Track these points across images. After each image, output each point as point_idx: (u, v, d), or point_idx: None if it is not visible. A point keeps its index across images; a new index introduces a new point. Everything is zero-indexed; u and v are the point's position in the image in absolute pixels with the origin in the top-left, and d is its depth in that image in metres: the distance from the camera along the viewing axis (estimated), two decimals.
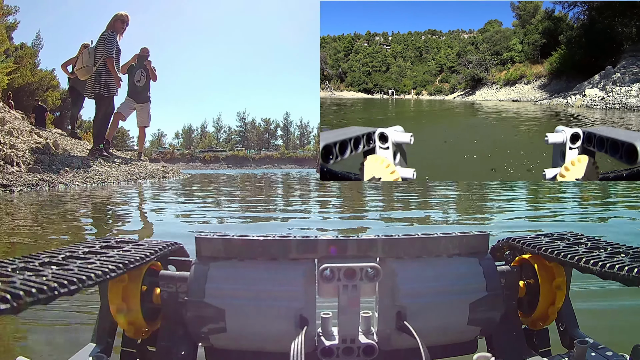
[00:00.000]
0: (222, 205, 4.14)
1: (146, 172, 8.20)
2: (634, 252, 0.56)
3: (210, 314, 0.58)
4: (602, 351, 0.60)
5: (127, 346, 0.64)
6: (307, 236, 0.59)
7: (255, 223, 2.94)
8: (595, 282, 1.12)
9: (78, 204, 3.93)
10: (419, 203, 4.16)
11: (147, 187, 6.50)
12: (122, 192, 5.23)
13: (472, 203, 4.15)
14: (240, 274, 0.59)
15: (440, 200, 4.37)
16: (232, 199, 4.91)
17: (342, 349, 0.59)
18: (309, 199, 4.98)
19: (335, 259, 0.58)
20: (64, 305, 1.24)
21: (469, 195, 4.79)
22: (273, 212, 3.58)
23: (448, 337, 0.63)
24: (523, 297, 0.68)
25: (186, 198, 4.91)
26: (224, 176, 14.37)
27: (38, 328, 1.10)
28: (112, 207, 3.76)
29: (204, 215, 3.24)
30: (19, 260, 0.47)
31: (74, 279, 0.42)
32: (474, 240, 0.63)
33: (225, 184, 8.61)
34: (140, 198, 4.77)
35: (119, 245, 0.62)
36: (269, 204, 4.34)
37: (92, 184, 6.10)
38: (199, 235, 0.60)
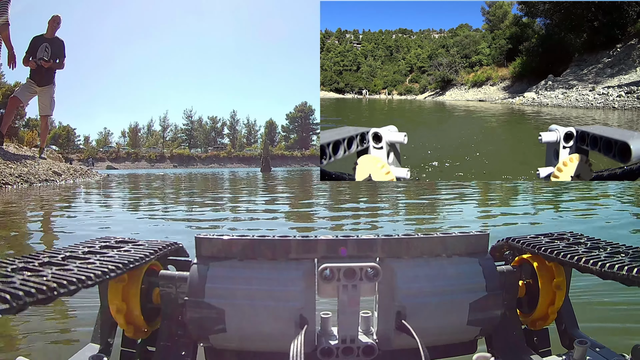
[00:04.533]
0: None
1: (45, 172, 6.48)
2: (633, 252, 0.56)
3: (210, 314, 0.58)
4: (602, 351, 0.60)
5: (127, 346, 0.64)
6: (306, 236, 0.59)
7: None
8: (595, 282, 1.12)
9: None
10: (418, 202, 4.17)
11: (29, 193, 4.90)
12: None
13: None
14: (240, 274, 0.58)
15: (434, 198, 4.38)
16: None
17: (342, 349, 0.59)
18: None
19: (335, 259, 0.58)
20: (64, 305, 1.24)
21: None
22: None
23: (448, 337, 0.63)
24: (523, 297, 0.68)
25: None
26: (153, 176, 13.41)
27: (38, 328, 1.10)
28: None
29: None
30: (19, 260, 0.47)
31: (74, 279, 0.42)
32: (474, 240, 0.63)
33: (148, 185, 7.66)
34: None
35: (119, 246, 0.62)
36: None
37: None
38: (199, 235, 0.60)
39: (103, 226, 2.76)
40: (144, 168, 42.62)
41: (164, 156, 50.60)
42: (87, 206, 3.90)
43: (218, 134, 58.34)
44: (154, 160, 49.10)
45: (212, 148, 56.07)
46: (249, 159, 49.77)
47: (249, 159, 49.77)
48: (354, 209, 3.71)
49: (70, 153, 44.99)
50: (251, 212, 3.68)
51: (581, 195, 4.32)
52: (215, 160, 51.31)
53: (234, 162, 49.64)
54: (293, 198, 4.98)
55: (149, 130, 57.05)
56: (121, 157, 48.98)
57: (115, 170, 32.65)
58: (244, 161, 49.91)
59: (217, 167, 45.81)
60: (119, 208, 4.00)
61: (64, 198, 4.55)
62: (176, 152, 51.77)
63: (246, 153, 52.94)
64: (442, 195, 4.62)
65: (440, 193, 4.82)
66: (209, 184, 8.39)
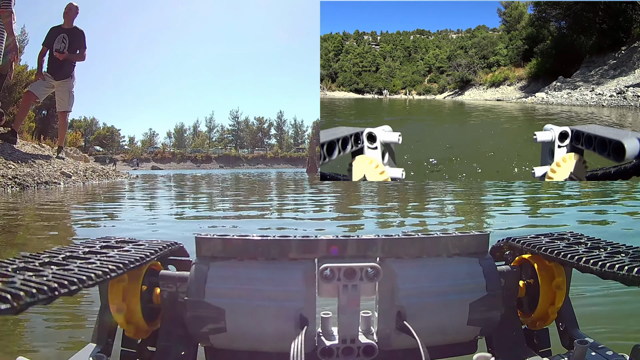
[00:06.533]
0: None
1: (51, 174, 5.88)
2: (633, 252, 0.56)
3: (210, 314, 0.58)
4: (602, 351, 0.60)
5: (127, 346, 0.64)
6: (307, 236, 0.59)
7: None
8: (595, 282, 1.12)
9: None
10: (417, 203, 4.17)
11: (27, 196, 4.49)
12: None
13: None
14: (240, 274, 0.58)
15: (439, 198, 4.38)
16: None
17: (342, 349, 0.59)
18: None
19: (335, 258, 0.58)
20: (64, 305, 1.24)
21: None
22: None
23: (448, 337, 0.63)
24: (523, 297, 0.68)
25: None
26: (191, 177, 13.18)
27: (38, 328, 1.10)
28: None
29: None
30: (19, 260, 0.47)
31: (74, 279, 0.42)
32: (474, 240, 0.63)
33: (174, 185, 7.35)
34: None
35: (119, 245, 0.61)
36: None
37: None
38: (199, 235, 0.60)
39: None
40: (189, 168, 41.92)
41: (210, 157, 50.45)
42: (40, 226, 2.70)
43: (265, 134, 58.44)
44: (199, 161, 48.84)
45: (258, 148, 56.13)
46: (295, 160, 49.51)
47: (295, 160, 49.51)
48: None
49: (114, 154, 45.58)
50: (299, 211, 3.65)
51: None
52: (261, 160, 51.06)
53: (280, 163, 49.22)
54: (339, 199, 4.90)
55: (195, 131, 57.52)
56: (166, 157, 48.78)
57: (160, 170, 32.71)
58: (291, 161, 49.54)
59: (264, 167, 45.60)
60: (104, 223, 2.93)
61: (41, 206, 3.62)
62: (222, 153, 51.87)
63: (293, 154, 52.99)
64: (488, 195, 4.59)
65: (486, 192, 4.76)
66: (238, 186, 8.22)
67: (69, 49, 5.73)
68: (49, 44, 5.73)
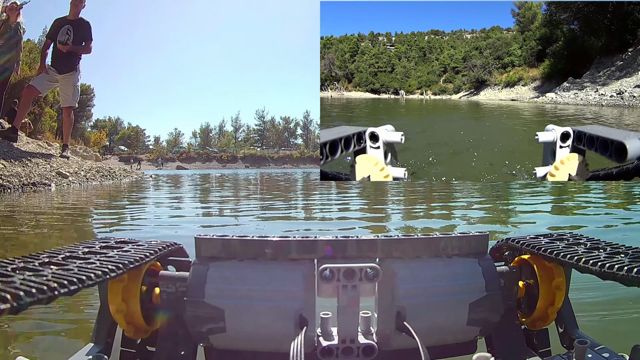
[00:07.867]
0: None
1: (43, 174, 5.53)
2: (633, 252, 0.56)
3: (209, 314, 0.58)
4: (602, 351, 0.60)
5: (126, 346, 0.64)
6: (306, 236, 0.59)
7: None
8: (595, 282, 1.12)
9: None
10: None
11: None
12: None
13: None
14: (239, 274, 0.58)
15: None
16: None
17: (342, 349, 0.59)
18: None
19: (335, 259, 0.58)
20: (64, 305, 1.24)
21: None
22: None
23: (447, 337, 0.63)
24: (522, 298, 0.68)
25: None
26: (212, 177, 12.85)
27: (38, 328, 1.10)
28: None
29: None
30: (19, 260, 0.47)
31: (74, 279, 0.42)
32: (474, 240, 0.63)
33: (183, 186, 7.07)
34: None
35: (119, 246, 0.61)
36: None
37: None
38: (199, 235, 0.60)
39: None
40: (215, 168, 41.38)
41: (236, 156, 50.02)
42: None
43: (291, 134, 57.90)
44: (225, 161, 48.45)
45: (284, 148, 55.51)
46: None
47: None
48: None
49: (139, 153, 45.60)
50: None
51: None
52: (288, 160, 50.54)
53: (306, 163, 48.67)
54: (367, 199, 4.87)
55: (221, 131, 57.13)
56: (191, 157, 48.45)
57: (185, 170, 32.74)
58: (317, 162, 48.15)
59: (290, 167, 45.28)
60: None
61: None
62: (248, 153, 51.34)
63: (319, 154, 52.01)
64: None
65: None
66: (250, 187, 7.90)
67: (73, 41, 5.49)
68: (52, 36, 5.52)
